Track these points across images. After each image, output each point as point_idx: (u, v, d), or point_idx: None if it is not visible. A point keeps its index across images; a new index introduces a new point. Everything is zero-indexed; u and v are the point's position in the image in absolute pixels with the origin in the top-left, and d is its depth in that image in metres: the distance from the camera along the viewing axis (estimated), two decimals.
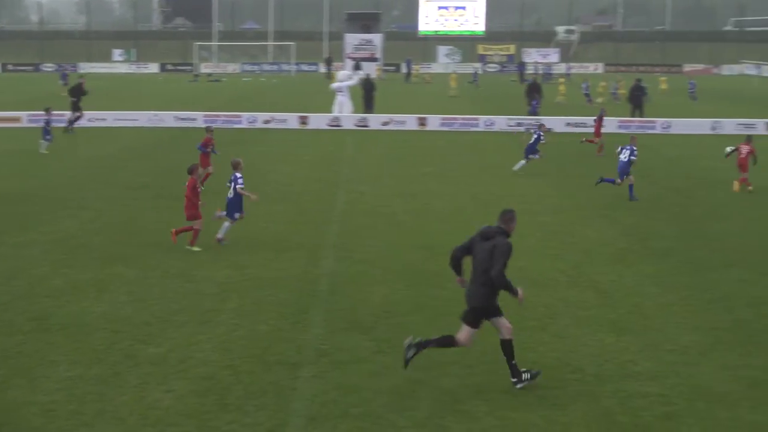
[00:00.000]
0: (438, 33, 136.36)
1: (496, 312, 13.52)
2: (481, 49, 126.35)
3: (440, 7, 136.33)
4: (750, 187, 31.15)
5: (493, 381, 13.90)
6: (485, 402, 13.14)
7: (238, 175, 22.50)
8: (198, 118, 51.67)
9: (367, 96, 57.34)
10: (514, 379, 13.65)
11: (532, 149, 35.05)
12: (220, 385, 13.69)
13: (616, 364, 14.69)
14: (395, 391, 13.51)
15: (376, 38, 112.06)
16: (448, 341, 13.68)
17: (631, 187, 29.62)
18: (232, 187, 22.49)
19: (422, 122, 51.25)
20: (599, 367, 14.53)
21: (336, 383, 13.80)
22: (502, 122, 51.13)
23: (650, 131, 50.21)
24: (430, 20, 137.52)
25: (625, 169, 29.78)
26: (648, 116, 54.17)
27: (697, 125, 51.19)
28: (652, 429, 12.44)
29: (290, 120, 51.82)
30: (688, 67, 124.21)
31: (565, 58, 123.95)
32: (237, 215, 22.63)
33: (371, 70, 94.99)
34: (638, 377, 14.16)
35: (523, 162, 35.12)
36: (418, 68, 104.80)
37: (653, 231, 25.04)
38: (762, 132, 49.83)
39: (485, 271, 13.23)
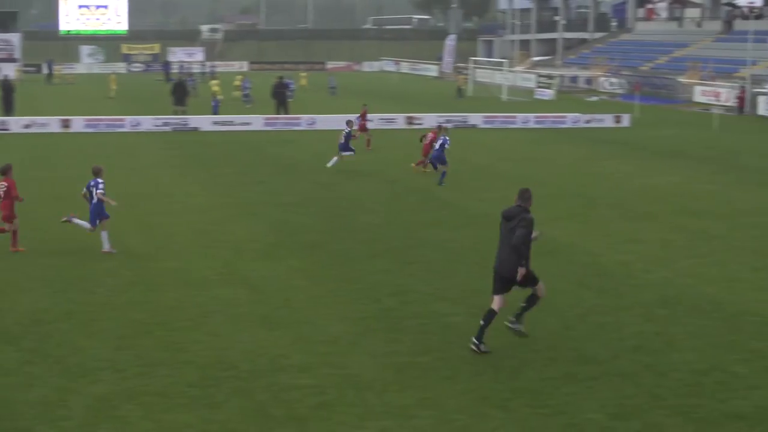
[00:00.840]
0: (80, 32, 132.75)
1: (532, 279, 15.09)
2: (125, 49, 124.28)
3: (81, 6, 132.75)
4: (426, 170, 34.55)
5: (146, 384, 13.78)
6: (139, 406, 13.00)
7: (100, 180, 22.04)
8: None
9: (6, 98, 55.18)
10: (513, 320, 15.36)
11: (345, 146, 35.83)
12: None
13: (268, 359, 14.91)
14: (45, 401, 13.13)
15: (14, 38, 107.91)
16: (492, 316, 15.04)
17: (444, 174, 32.48)
18: (94, 194, 21.91)
19: (66, 124, 49.74)
20: (252, 362, 14.71)
21: None
22: (148, 123, 50.53)
23: (296, 128, 51.19)
24: (71, 19, 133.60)
25: (440, 157, 32.75)
26: (293, 113, 55.12)
27: (340, 121, 52.43)
28: (307, 419, 12.72)
29: None
30: (331, 65, 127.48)
31: (210, 56, 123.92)
32: (101, 220, 22.11)
33: (10, 71, 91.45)
34: (291, 370, 14.45)
35: (335, 159, 35.83)
36: (60, 69, 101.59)
37: (301, 225, 25.56)
38: (402, 126, 52.02)
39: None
